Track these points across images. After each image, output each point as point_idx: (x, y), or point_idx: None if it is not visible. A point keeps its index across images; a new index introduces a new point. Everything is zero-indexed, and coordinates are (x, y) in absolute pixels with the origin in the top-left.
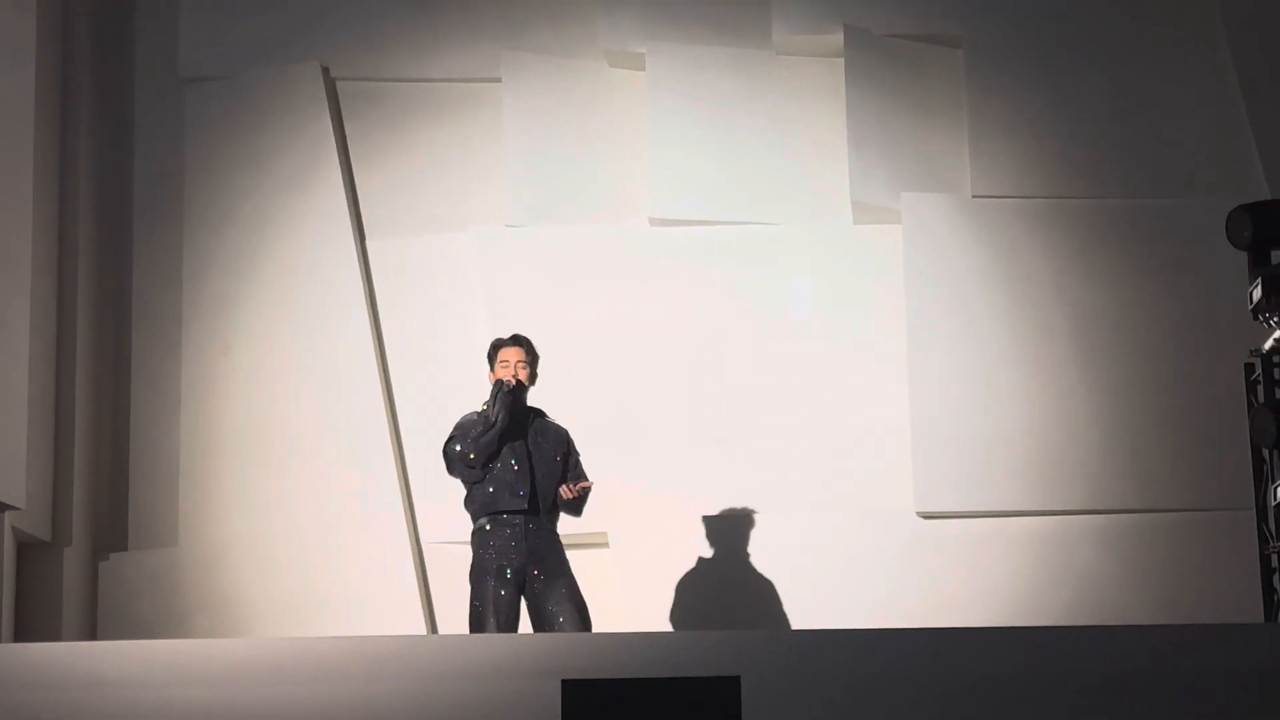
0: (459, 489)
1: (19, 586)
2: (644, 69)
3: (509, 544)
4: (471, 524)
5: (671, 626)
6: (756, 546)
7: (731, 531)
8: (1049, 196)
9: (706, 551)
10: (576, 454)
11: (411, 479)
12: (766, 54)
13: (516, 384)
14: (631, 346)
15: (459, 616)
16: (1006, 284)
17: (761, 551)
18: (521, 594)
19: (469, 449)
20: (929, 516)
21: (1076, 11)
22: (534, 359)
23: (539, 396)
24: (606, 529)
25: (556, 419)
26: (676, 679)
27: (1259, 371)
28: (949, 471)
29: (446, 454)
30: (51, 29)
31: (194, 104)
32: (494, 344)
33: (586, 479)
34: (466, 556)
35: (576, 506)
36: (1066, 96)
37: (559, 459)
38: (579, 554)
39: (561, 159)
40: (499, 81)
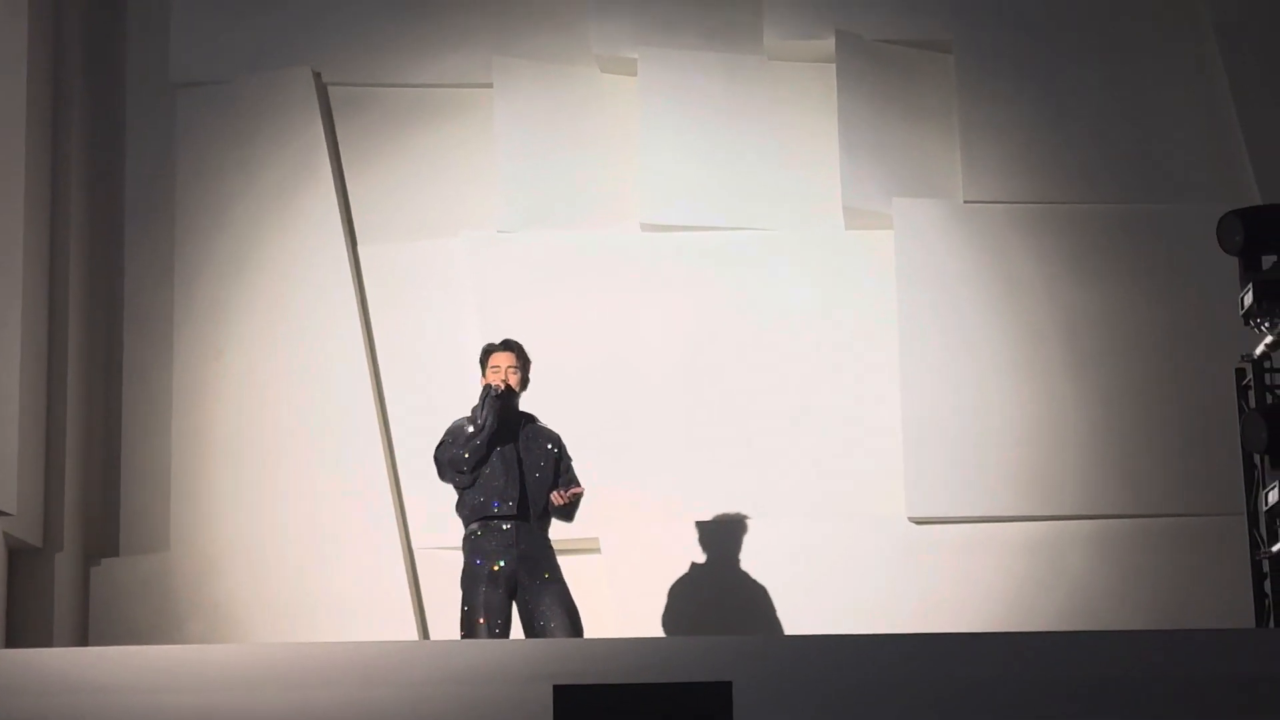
0: (450, 494)
1: (10, 592)
2: (635, 74)
3: (499, 549)
4: (463, 529)
5: (663, 632)
6: (748, 551)
7: (723, 536)
8: (1040, 202)
9: (698, 556)
10: (569, 459)
11: (403, 484)
12: (758, 59)
13: (506, 389)
14: (623, 352)
15: (451, 622)
16: (998, 289)
17: (753, 556)
18: (513, 599)
19: (458, 454)
20: (920, 521)
21: (1067, 17)
22: (526, 364)
23: (531, 402)
24: (598, 534)
25: (548, 424)
26: (668, 684)
27: (1250, 377)
28: (940, 476)
29: (437, 459)
30: (43, 34)
31: (185, 109)
32: (485, 349)
33: (578, 485)
34: (458, 562)
35: (568, 512)
36: (1058, 102)
37: (550, 464)
38: (571, 559)
39: (553, 164)
40: (490, 87)
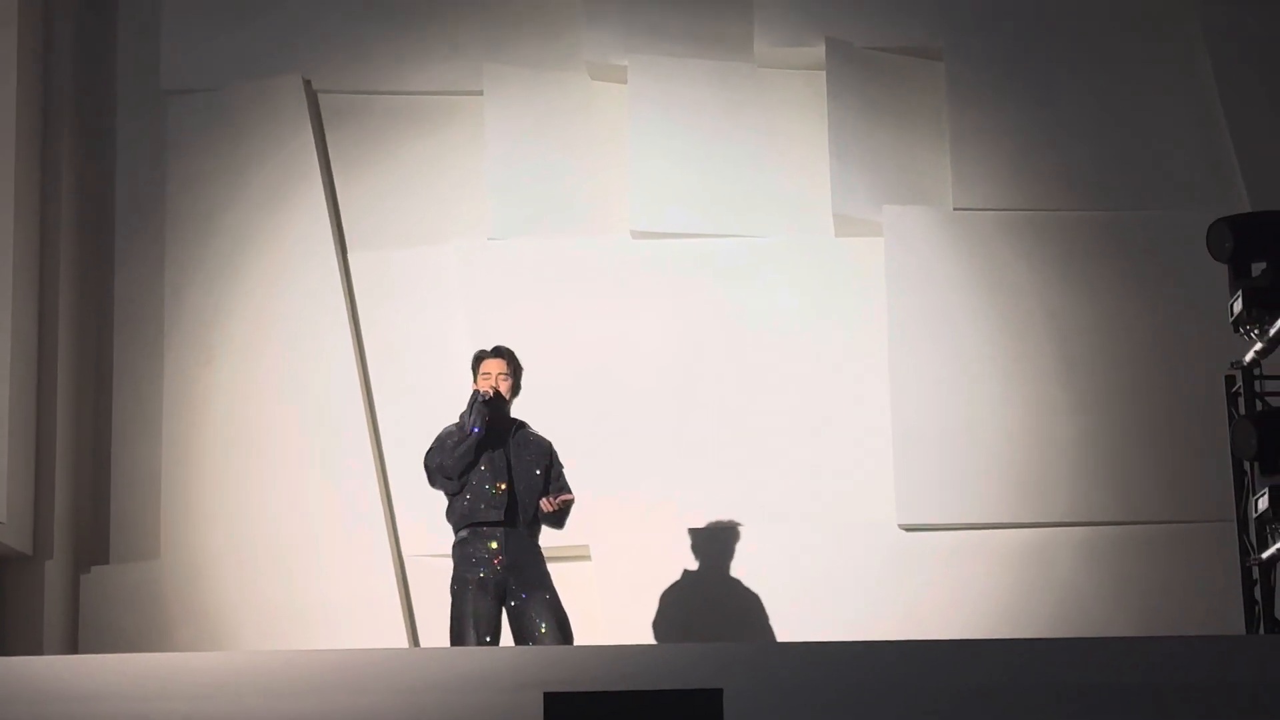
0: (440, 501)
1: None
2: (626, 81)
3: (488, 556)
4: (453, 535)
5: (654, 639)
6: (739, 559)
7: (714, 544)
8: (1031, 209)
9: (689, 564)
10: (560, 466)
11: (393, 491)
12: (748, 67)
13: (495, 395)
14: (613, 359)
15: (441, 629)
16: (988, 296)
17: (743, 564)
18: (502, 606)
19: (446, 460)
20: (910, 529)
21: (1058, 24)
22: (517, 371)
23: (521, 408)
24: (588, 541)
25: (539, 431)
26: (659, 692)
27: (1240, 384)
28: (930, 484)
29: (426, 465)
30: (33, 41)
31: (176, 116)
32: (476, 355)
33: (569, 492)
34: (448, 569)
35: (558, 519)
36: (1048, 109)
37: (541, 471)
38: (561, 566)
39: (543, 172)
40: (480, 94)
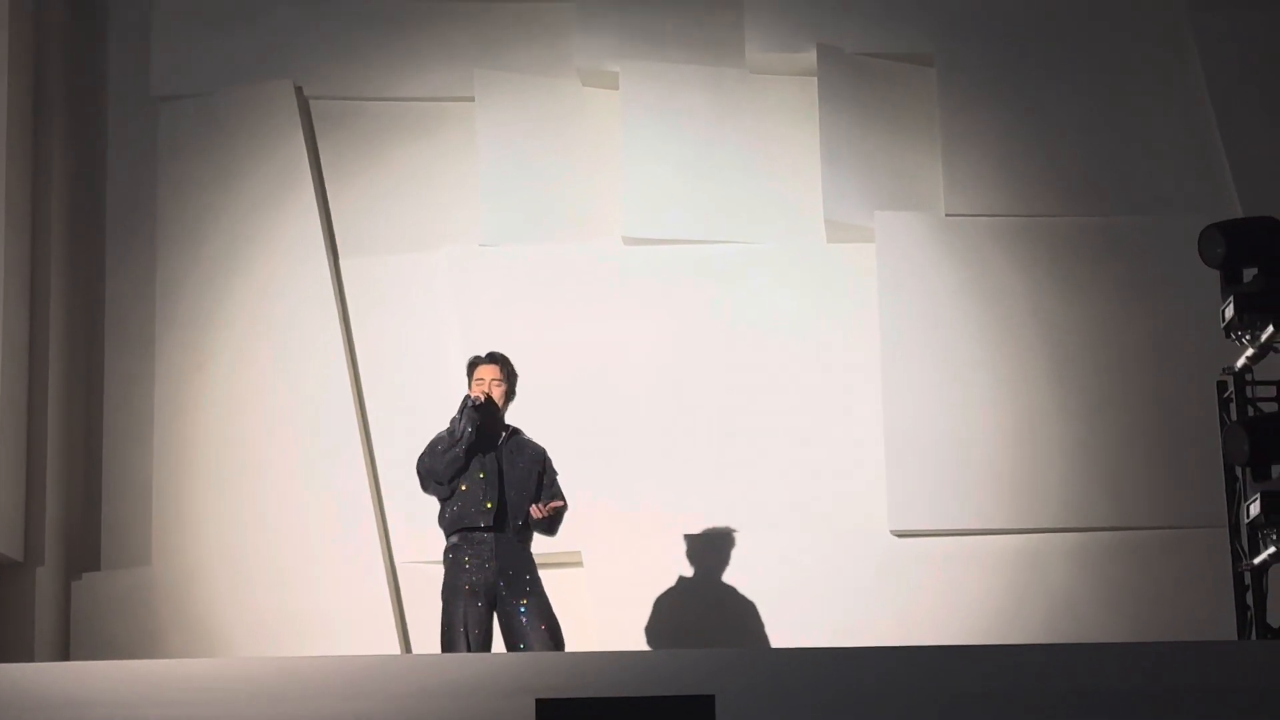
0: (432, 508)
1: None
2: (617, 87)
3: (478, 561)
4: (444, 540)
5: (646, 645)
6: (731, 565)
7: (706, 550)
8: (1023, 215)
9: (681, 569)
10: (553, 473)
11: (385, 497)
12: (740, 72)
13: (486, 400)
14: (605, 365)
15: (433, 635)
16: (980, 302)
17: (736, 570)
18: (493, 611)
19: (436, 464)
20: (903, 534)
21: (1049, 30)
22: (511, 377)
23: (512, 414)
24: (580, 547)
25: (533, 437)
26: (651, 698)
27: (1232, 389)
28: (923, 489)
29: (418, 470)
30: (24, 47)
31: (167, 122)
32: (471, 361)
33: (562, 499)
34: (440, 575)
35: (549, 526)
36: (1039, 115)
37: (534, 477)
38: (553, 572)
39: (535, 178)
40: (472, 100)
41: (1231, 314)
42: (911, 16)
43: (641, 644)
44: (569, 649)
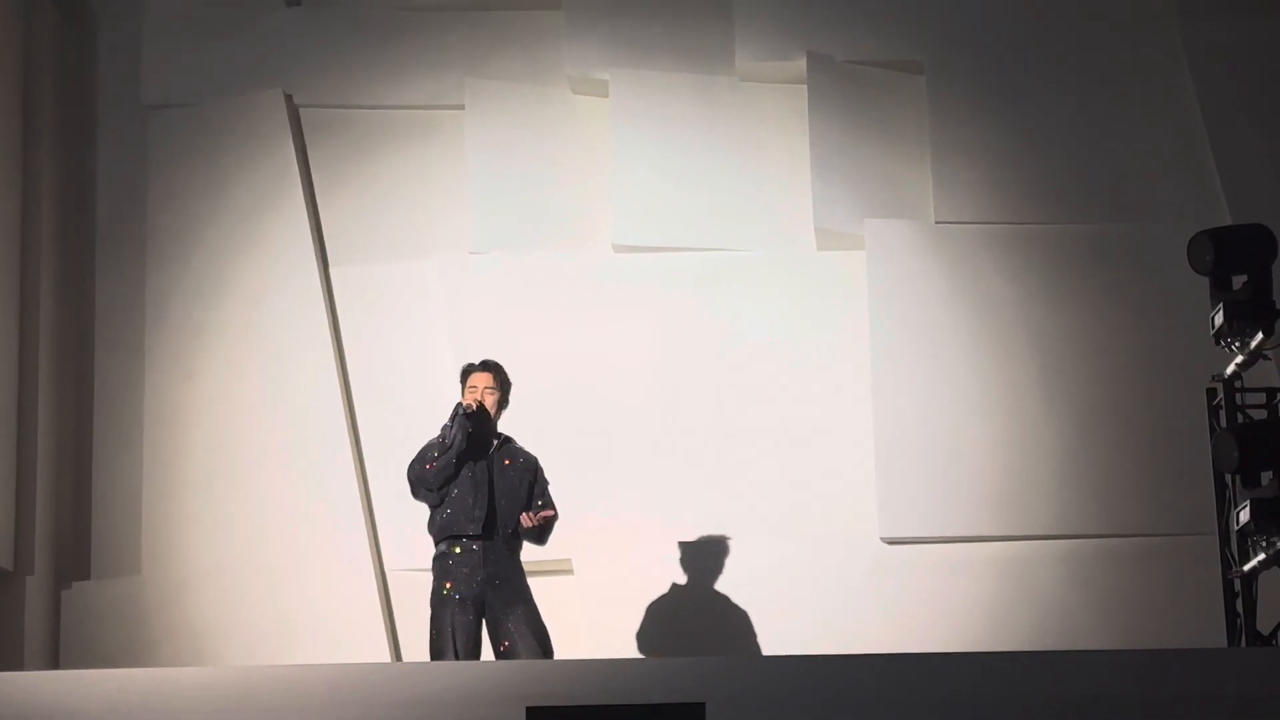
0: (422, 516)
1: None
2: (608, 95)
3: (466, 569)
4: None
5: (636, 652)
6: (721, 572)
7: (696, 557)
8: (1012, 222)
9: (671, 577)
10: (545, 482)
11: (375, 506)
12: (730, 80)
13: (478, 408)
14: (595, 373)
15: (423, 644)
16: (970, 310)
17: (726, 577)
18: (482, 619)
19: (426, 472)
20: (892, 542)
21: (1039, 38)
22: (505, 386)
23: (503, 422)
24: (570, 555)
25: (524, 445)
26: (641, 705)
27: (1221, 396)
28: (912, 497)
29: (409, 477)
30: (14, 55)
31: (157, 131)
32: (465, 368)
33: (552, 508)
34: (430, 583)
35: (539, 535)
36: (1029, 123)
37: (524, 486)
38: (543, 581)
39: (525, 186)
40: (462, 108)
41: (1221, 321)
42: (902, 25)
43: (632, 651)
44: (559, 657)
